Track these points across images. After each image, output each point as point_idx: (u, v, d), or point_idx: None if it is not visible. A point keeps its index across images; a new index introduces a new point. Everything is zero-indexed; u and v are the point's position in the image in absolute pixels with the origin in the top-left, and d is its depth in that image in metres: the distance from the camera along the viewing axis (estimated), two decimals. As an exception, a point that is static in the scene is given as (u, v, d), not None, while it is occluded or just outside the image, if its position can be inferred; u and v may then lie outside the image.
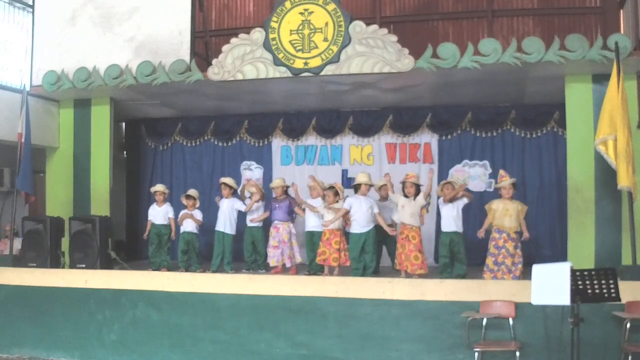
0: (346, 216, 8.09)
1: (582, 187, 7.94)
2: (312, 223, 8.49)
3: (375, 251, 8.04)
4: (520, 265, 7.43)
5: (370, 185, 8.15)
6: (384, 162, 10.40)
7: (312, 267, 8.41)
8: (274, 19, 8.25)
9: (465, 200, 7.88)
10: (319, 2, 8.12)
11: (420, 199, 7.82)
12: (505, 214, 7.47)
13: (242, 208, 8.92)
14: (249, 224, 9.01)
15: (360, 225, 7.92)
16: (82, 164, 9.65)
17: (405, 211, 7.78)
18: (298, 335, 6.66)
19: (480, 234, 7.61)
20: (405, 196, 7.92)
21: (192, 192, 9.16)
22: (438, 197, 8.23)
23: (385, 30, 8.05)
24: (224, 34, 11.10)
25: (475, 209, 8.51)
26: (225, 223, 8.87)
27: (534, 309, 5.68)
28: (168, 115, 10.94)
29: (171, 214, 9.10)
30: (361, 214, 7.90)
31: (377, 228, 8.18)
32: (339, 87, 8.88)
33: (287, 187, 8.99)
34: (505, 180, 7.56)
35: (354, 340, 6.50)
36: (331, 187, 8.20)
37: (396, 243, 7.97)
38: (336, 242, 7.99)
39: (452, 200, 7.87)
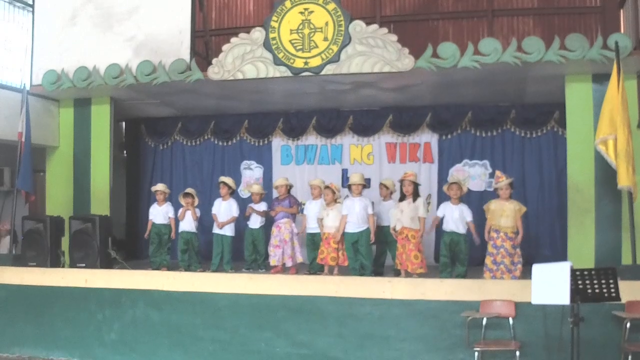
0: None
1: (582, 187, 7.94)
2: (313, 224, 8.48)
3: (370, 251, 7.98)
4: (520, 265, 7.43)
5: (363, 185, 8.14)
6: (384, 161, 10.40)
7: (313, 267, 8.42)
8: (274, 18, 8.25)
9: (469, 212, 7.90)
10: (319, 2, 8.11)
11: (419, 202, 7.84)
12: (502, 214, 7.46)
13: (236, 213, 8.93)
14: (250, 225, 9.00)
15: (353, 225, 7.91)
16: (82, 163, 9.65)
17: (404, 215, 7.78)
18: (298, 335, 6.67)
19: (485, 237, 7.60)
20: (403, 196, 7.92)
21: (190, 190, 9.16)
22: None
23: (385, 30, 8.05)
24: (224, 33, 11.10)
25: (475, 209, 8.49)
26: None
27: (534, 309, 5.68)
28: (168, 114, 10.95)
29: (171, 214, 9.09)
30: (354, 214, 7.89)
31: (384, 229, 8.20)
32: (339, 87, 8.88)
33: (291, 186, 9.00)
34: (502, 181, 7.56)
35: (354, 339, 6.50)
36: (327, 187, 8.21)
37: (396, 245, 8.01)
38: (334, 241, 8.00)
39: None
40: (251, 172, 10.96)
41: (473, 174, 10.07)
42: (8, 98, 8.92)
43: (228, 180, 9.08)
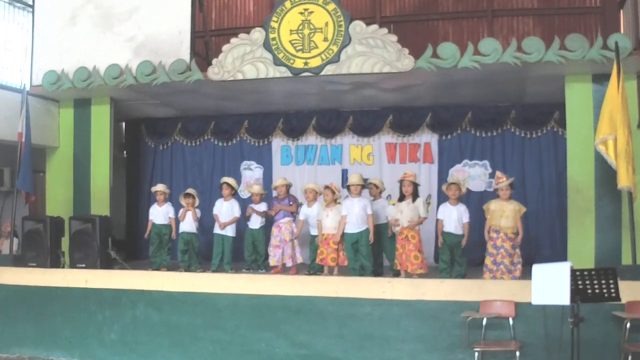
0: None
1: (582, 187, 7.94)
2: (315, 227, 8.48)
3: (370, 252, 7.95)
4: (519, 266, 7.42)
5: (362, 186, 8.13)
6: (384, 162, 10.40)
7: (312, 267, 8.42)
8: (274, 18, 8.25)
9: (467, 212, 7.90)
10: (319, 2, 8.12)
11: (418, 202, 7.85)
12: (502, 215, 7.46)
13: (238, 214, 8.93)
14: (250, 225, 9.00)
15: (352, 225, 7.89)
16: (82, 163, 9.65)
17: (404, 216, 7.79)
18: (298, 335, 6.67)
19: (485, 237, 7.59)
20: (402, 196, 7.93)
21: (191, 190, 9.16)
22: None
23: (385, 30, 8.05)
24: (224, 33, 11.09)
25: (475, 209, 8.51)
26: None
27: (534, 309, 5.67)
28: (168, 115, 10.95)
29: (172, 214, 9.08)
30: (353, 215, 7.87)
31: (378, 229, 8.21)
32: (339, 87, 8.88)
33: (290, 185, 9.00)
34: (502, 182, 7.55)
35: (354, 340, 6.50)
36: (327, 187, 8.21)
37: (392, 245, 8.00)
38: (334, 242, 8.00)
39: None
40: (251, 173, 10.96)
41: (473, 174, 10.07)
42: (8, 98, 8.93)
43: (231, 181, 9.07)
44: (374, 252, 8.28)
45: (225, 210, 8.91)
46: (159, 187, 9.25)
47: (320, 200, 8.45)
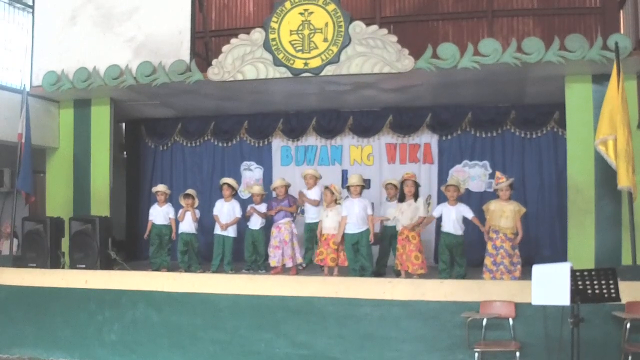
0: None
1: (582, 187, 7.94)
2: (311, 215, 8.56)
3: (370, 252, 7.95)
4: (519, 266, 7.42)
5: (362, 186, 8.13)
6: (384, 162, 10.39)
7: (307, 259, 8.42)
8: (274, 19, 8.25)
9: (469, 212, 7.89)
10: (319, 3, 8.12)
11: (419, 202, 7.86)
12: (502, 215, 7.46)
13: (239, 214, 8.93)
14: (250, 226, 9.00)
15: (353, 226, 7.89)
16: (82, 164, 9.65)
17: (405, 216, 7.79)
18: (298, 336, 6.67)
19: (485, 237, 7.58)
20: (402, 196, 7.93)
21: (190, 191, 9.16)
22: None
23: (385, 31, 8.05)
24: (224, 34, 11.10)
25: (475, 209, 8.51)
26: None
27: (534, 309, 5.68)
28: (168, 115, 10.95)
29: (172, 214, 9.08)
30: (353, 215, 7.87)
31: (389, 230, 8.21)
32: (339, 88, 8.88)
33: (288, 185, 9.01)
34: (502, 182, 7.55)
35: (354, 340, 6.51)
36: (327, 187, 8.22)
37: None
38: (334, 242, 8.00)
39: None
40: (251, 173, 10.96)
41: (473, 174, 10.07)
42: (8, 99, 8.93)
43: (231, 181, 9.06)
44: (380, 253, 8.29)
45: (227, 211, 8.91)
46: (160, 188, 9.25)
47: (320, 185, 8.52)
